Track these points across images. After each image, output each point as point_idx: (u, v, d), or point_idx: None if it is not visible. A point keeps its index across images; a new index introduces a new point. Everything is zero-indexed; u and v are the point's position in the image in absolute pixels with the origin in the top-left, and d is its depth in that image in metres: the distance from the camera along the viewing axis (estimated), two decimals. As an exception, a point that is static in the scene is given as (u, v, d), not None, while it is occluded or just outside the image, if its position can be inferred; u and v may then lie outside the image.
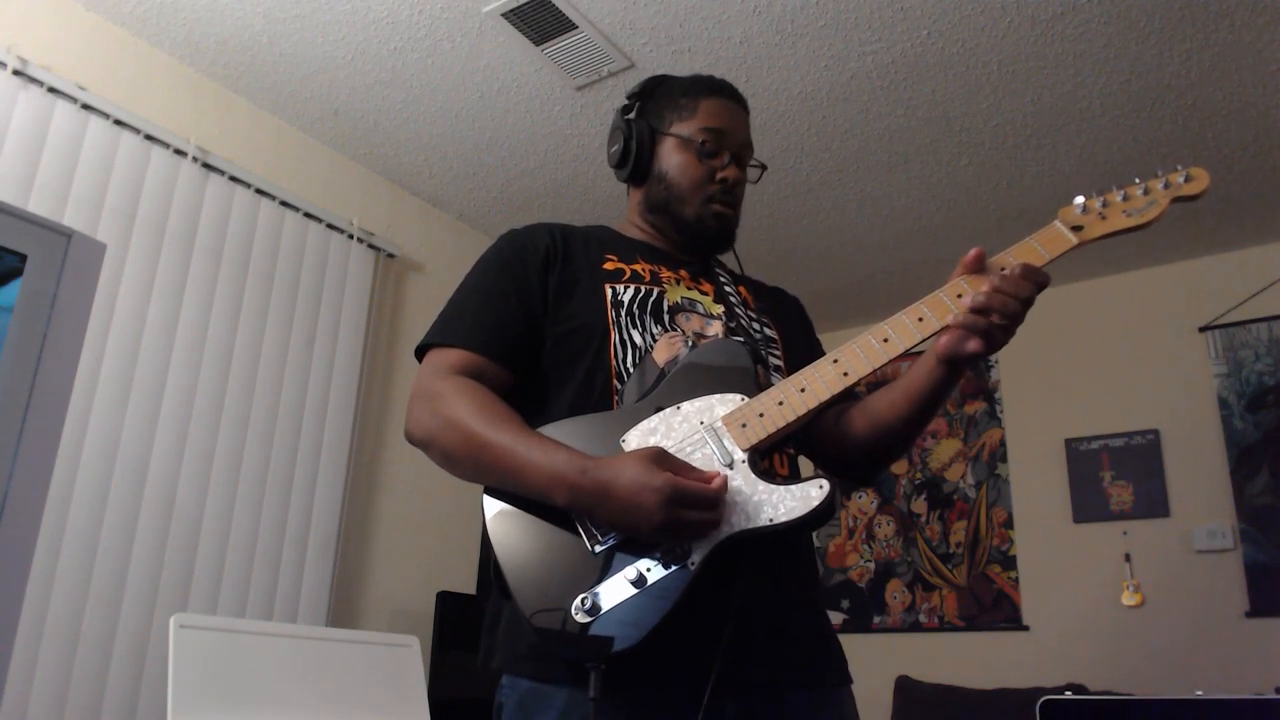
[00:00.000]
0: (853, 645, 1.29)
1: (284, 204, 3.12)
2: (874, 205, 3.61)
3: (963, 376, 1.25)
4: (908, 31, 2.71)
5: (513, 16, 2.69)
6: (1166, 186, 1.22)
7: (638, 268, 1.32)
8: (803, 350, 1.39)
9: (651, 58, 2.83)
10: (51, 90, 2.56)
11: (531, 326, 1.26)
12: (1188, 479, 3.69)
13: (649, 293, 1.28)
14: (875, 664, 4.01)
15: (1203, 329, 3.79)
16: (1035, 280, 1.13)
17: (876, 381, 1.30)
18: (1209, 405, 3.71)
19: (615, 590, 1.05)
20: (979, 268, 1.18)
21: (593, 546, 1.08)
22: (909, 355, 1.21)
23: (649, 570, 1.05)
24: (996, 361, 4.25)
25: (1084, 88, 2.91)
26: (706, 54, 2.81)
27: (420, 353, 1.28)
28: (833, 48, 2.78)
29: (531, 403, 1.25)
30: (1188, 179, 1.22)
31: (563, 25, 2.71)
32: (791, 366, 1.29)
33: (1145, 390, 3.87)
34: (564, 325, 1.26)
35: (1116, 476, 3.82)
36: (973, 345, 1.15)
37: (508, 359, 1.24)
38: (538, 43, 2.79)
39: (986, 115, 3.07)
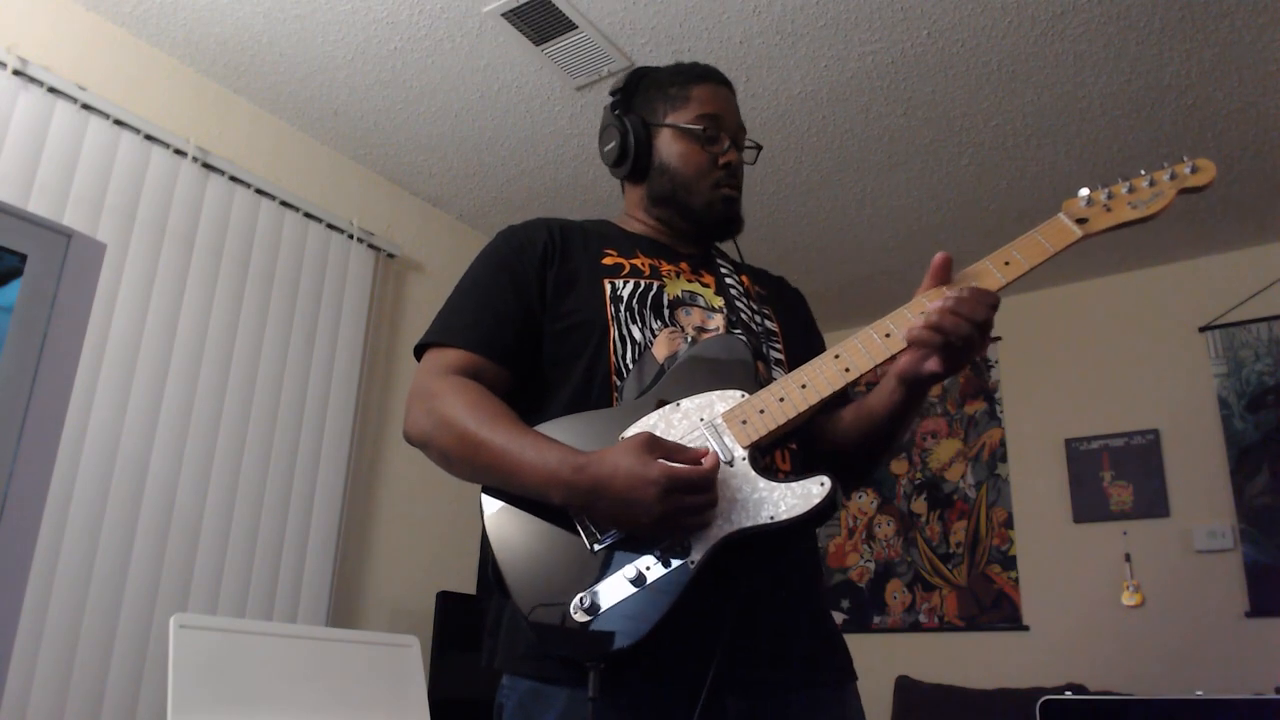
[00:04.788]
0: (853, 645, 1.29)
1: (284, 204, 3.12)
2: (874, 205, 3.61)
3: (925, 397, 1.24)
4: (908, 31, 2.71)
5: (513, 16, 2.69)
6: (1173, 178, 1.19)
7: (637, 262, 1.31)
8: (804, 343, 1.38)
9: (651, 58, 2.83)
10: (51, 90, 2.56)
11: (529, 324, 1.25)
12: (1188, 479, 3.69)
13: (649, 287, 1.27)
14: (875, 664, 4.01)
15: (1203, 329, 3.79)
16: (986, 302, 1.11)
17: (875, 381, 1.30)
18: (1209, 405, 3.71)
19: (615, 589, 1.04)
20: (947, 277, 1.17)
21: (591, 545, 1.07)
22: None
23: (649, 569, 1.04)
24: (996, 361, 4.25)
25: (1084, 88, 2.91)
26: (706, 54, 2.81)
27: (419, 352, 1.28)
28: (833, 48, 2.78)
29: (531, 400, 1.24)
30: (1194, 170, 1.18)
31: (563, 25, 2.70)
32: (792, 360, 1.28)
33: (1145, 390, 3.86)
34: (563, 322, 1.25)
35: (1116, 476, 3.82)
36: (930, 365, 1.14)
37: (506, 358, 1.24)
38: (538, 43, 2.79)
39: (986, 115, 3.07)
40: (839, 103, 3.02)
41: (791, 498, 1.06)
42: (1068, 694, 2.49)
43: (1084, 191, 1.20)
